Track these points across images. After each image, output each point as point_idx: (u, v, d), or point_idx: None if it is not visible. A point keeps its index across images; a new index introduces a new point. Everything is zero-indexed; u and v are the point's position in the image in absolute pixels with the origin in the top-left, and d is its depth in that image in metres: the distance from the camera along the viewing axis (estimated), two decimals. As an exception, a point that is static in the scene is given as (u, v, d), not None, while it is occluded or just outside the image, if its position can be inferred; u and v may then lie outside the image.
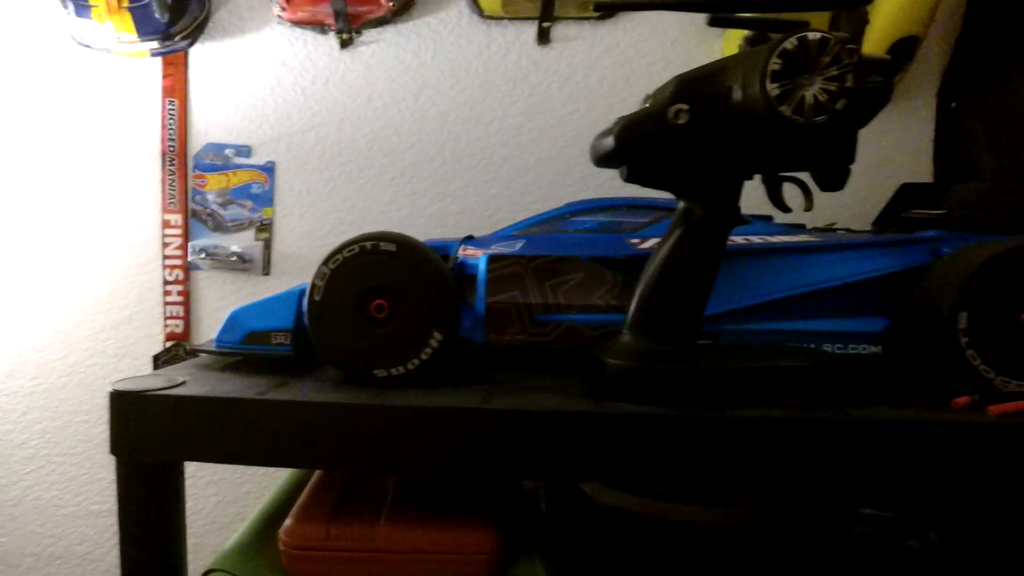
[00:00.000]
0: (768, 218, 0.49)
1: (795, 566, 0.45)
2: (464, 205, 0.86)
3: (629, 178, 0.36)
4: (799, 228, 0.48)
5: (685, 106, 0.33)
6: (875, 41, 0.68)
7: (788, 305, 0.43)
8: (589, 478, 0.45)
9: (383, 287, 0.39)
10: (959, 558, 0.46)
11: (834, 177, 0.34)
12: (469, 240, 0.53)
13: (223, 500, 0.90)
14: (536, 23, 0.82)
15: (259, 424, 0.35)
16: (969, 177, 0.75)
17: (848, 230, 0.50)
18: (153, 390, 0.36)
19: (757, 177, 0.38)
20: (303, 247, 0.86)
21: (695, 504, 0.44)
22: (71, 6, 0.77)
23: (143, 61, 0.83)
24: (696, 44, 0.80)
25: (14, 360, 0.89)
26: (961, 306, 0.37)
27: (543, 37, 0.82)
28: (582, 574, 0.43)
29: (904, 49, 0.69)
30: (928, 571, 0.45)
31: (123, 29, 0.78)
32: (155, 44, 0.81)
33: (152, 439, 0.36)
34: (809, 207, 0.36)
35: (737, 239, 0.45)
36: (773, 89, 0.29)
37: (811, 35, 0.29)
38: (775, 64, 0.29)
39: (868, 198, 0.63)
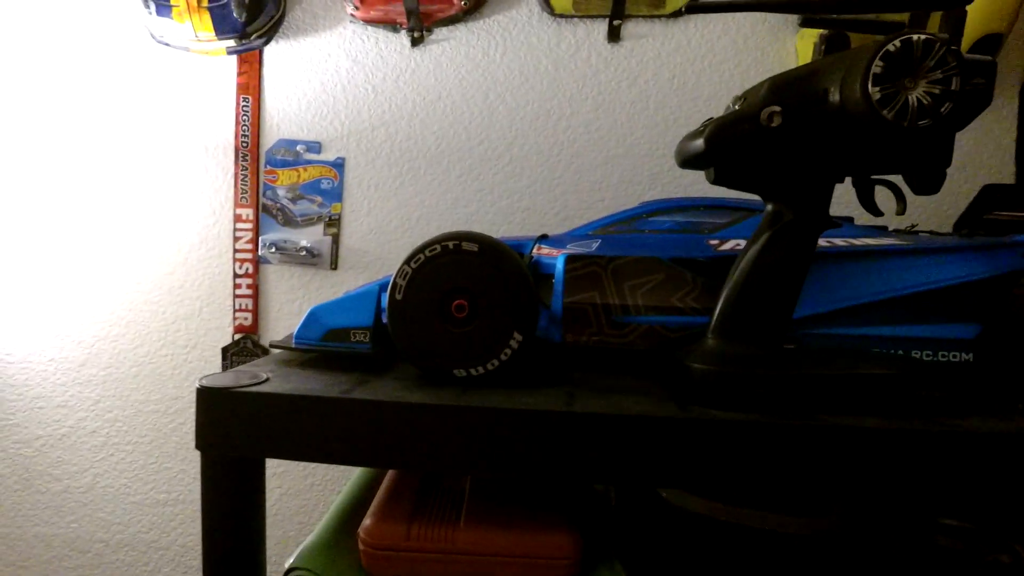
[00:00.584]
0: (849, 219, 0.50)
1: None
2: (531, 203, 0.89)
3: (716, 180, 0.38)
4: (882, 230, 0.48)
5: (778, 108, 0.34)
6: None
7: (874, 310, 0.44)
8: (674, 484, 0.47)
9: (464, 287, 0.42)
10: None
11: (930, 179, 0.35)
12: (544, 239, 0.55)
13: (287, 492, 0.96)
14: (607, 21, 0.84)
15: (342, 423, 0.37)
16: None
17: (931, 232, 0.50)
18: (239, 386, 0.39)
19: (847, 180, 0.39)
20: (371, 242, 0.91)
21: (773, 511, 0.45)
22: (152, 5, 0.85)
23: (219, 59, 0.91)
24: (769, 42, 0.81)
25: (88, 349, 0.97)
26: None
27: (614, 35, 0.85)
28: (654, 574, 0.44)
29: (987, 47, 0.70)
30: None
31: (202, 28, 0.85)
32: (232, 42, 0.88)
33: (237, 435, 0.38)
34: (902, 210, 0.37)
35: (821, 242, 0.46)
36: (875, 92, 0.31)
37: (915, 37, 0.30)
38: (877, 67, 0.30)
39: (948, 200, 0.63)
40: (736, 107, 0.37)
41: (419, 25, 0.86)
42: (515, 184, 0.90)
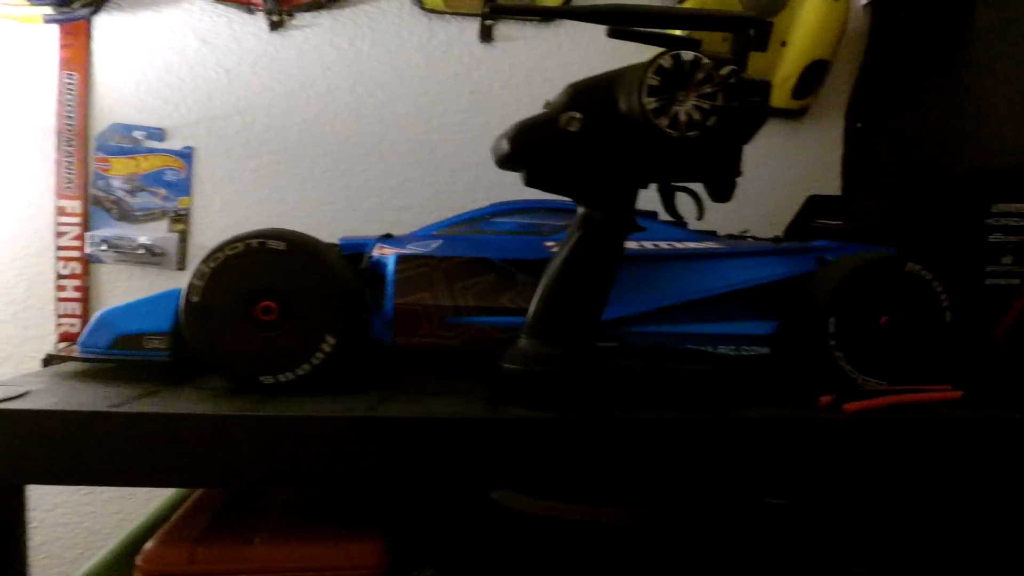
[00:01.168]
0: (683, 224, 0.55)
1: (694, 557, 0.50)
2: (404, 202, 0.90)
3: (528, 182, 0.41)
4: (710, 235, 0.53)
5: (578, 114, 0.37)
6: (791, 63, 0.82)
7: (691, 309, 0.48)
8: (483, 486, 0.49)
9: (271, 288, 0.42)
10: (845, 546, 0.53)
11: (722, 188, 0.39)
12: (387, 239, 0.56)
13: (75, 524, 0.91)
14: (479, 20, 0.87)
15: (110, 440, 0.35)
16: (873, 192, 0.87)
17: (756, 238, 0.56)
18: None
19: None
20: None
21: (587, 504, 0.49)
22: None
23: (38, 29, 0.84)
24: (636, 51, 0.86)
25: None
26: (830, 311, 0.44)
27: (486, 35, 0.87)
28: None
29: (815, 72, 0.82)
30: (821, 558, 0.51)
31: (10, -11, 0.79)
32: (49, 10, 0.82)
33: None
34: (700, 216, 0.41)
35: (647, 244, 0.50)
36: (650, 103, 0.34)
37: (684, 54, 0.34)
38: (652, 79, 0.34)
39: (786, 209, 0.71)
40: (546, 110, 0.40)
41: (277, 8, 0.85)
42: (386, 182, 0.90)
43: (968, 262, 0.52)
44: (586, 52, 0.89)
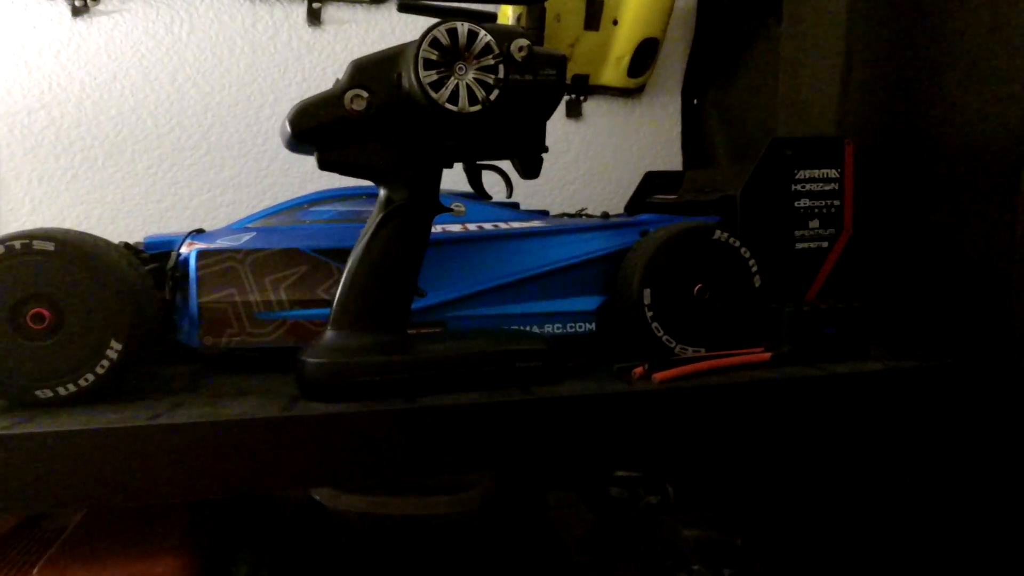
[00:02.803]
0: (515, 205, 0.54)
1: (539, 536, 0.50)
2: (236, 196, 0.83)
3: (322, 166, 0.38)
4: (542, 214, 0.53)
5: (363, 92, 0.35)
6: (623, 42, 0.81)
7: (514, 288, 0.47)
8: (286, 486, 0.46)
9: (41, 293, 0.37)
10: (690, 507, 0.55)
11: (529, 165, 0.39)
12: (197, 234, 0.51)
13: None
14: (306, 3, 0.82)
15: None
16: (708, 166, 0.90)
17: (590, 215, 0.56)
18: None
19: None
20: None
21: (417, 495, 0.47)
22: None
23: None
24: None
25: None
26: (645, 283, 0.44)
27: (314, 18, 0.82)
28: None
29: (647, 50, 0.82)
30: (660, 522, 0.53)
31: None
32: None
33: None
34: (509, 194, 0.40)
35: (471, 227, 0.49)
36: (428, 76, 0.32)
37: (460, 26, 0.32)
38: (428, 53, 0.32)
39: (628, 187, 0.73)
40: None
41: (77, -10, 0.75)
42: (216, 176, 0.83)
43: (778, 228, 0.54)
44: (418, 33, 0.86)
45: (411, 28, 0.85)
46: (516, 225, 0.50)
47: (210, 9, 0.81)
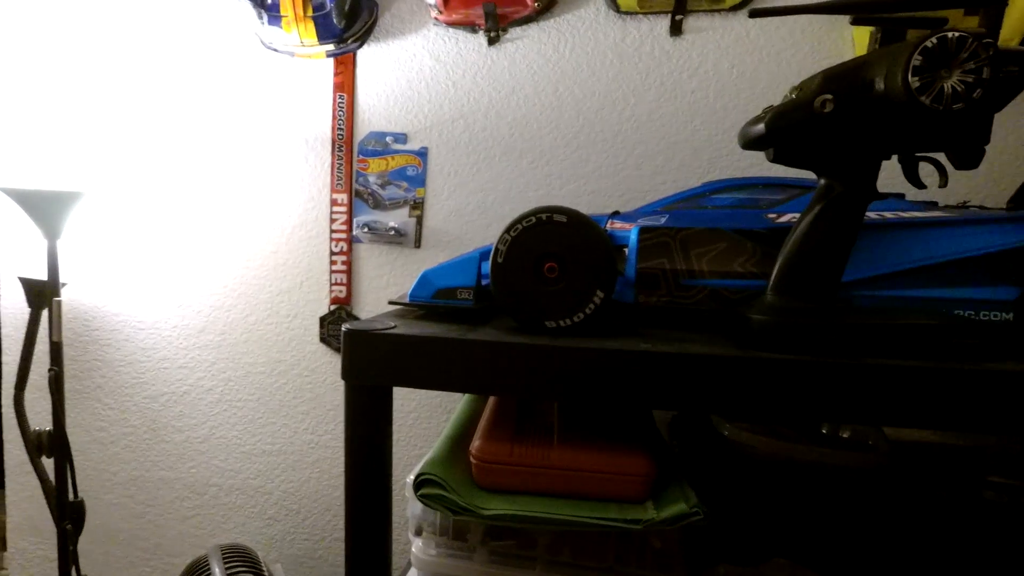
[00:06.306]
0: (900, 196, 0.54)
1: (921, 517, 0.50)
2: (597, 186, 0.96)
3: (775, 159, 0.44)
4: (932, 205, 0.52)
5: (831, 96, 0.40)
6: (1012, 26, 0.71)
7: (919, 274, 0.48)
8: (735, 417, 0.53)
9: (555, 252, 0.49)
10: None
11: (970, 156, 0.40)
12: (616, 215, 0.62)
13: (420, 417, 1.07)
14: (669, 16, 0.89)
15: (457, 359, 0.45)
16: None
17: (980, 207, 0.53)
18: (376, 330, 0.48)
19: (894, 157, 0.44)
20: (451, 223, 1.00)
21: (825, 446, 0.51)
22: (265, 16, 0.95)
23: (319, 62, 1.00)
24: (825, 33, 0.84)
25: (206, 318, 1.10)
26: None
27: (675, 29, 0.89)
28: (714, 503, 0.51)
29: None
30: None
31: (306, 35, 0.95)
32: (331, 47, 0.98)
33: (373, 368, 0.47)
34: (943, 184, 0.42)
35: (871, 215, 0.51)
36: (914, 81, 0.36)
37: (951, 35, 0.35)
38: (916, 60, 0.35)
39: (1004, 179, 0.66)
40: (793, 96, 0.43)
41: (495, 26, 0.93)
42: (582, 169, 0.96)
43: None
44: (772, 37, 0.88)
45: (763, 32, 0.88)
46: (918, 215, 0.51)
47: (589, 29, 0.93)
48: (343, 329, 0.48)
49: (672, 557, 0.47)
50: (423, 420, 1.06)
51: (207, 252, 1.08)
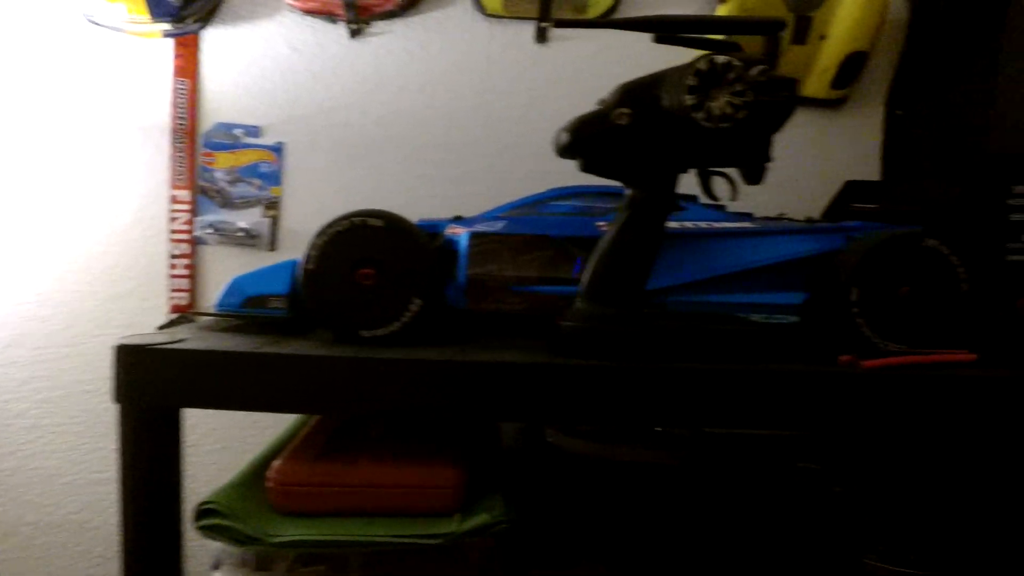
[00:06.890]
0: (721, 207, 0.60)
1: (728, 507, 0.56)
2: (467, 190, 0.98)
3: (584, 169, 0.47)
4: (746, 216, 0.58)
5: (627, 110, 0.44)
6: (829, 56, 0.85)
7: (724, 281, 0.53)
8: (542, 422, 0.56)
9: (370, 258, 0.49)
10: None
11: (754, 172, 0.45)
12: (457, 220, 0.64)
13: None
14: (535, 23, 0.93)
15: (252, 375, 0.43)
16: (912, 178, 0.89)
17: (791, 219, 0.60)
18: (155, 344, 0.44)
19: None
20: (311, 224, 0.94)
21: (635, 445, 0.55)
22: (85, -17, 0.89)
23: (155, 41, 0.95)
24: (672, 53, 0.91)
25: (15, 330, 0.99)
26: (853, 282, 0.48)
27: (541, 36, 0.94)
28: (537, 508, 0.54)
29: (854, 63, 0.85)
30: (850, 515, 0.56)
31: (135, 11, 0.90)
32: (167, 26, 0.93)
33: (152, 388, 0.44)
34: (734, 197, 0.47)
35: (687, 224, 0.56)
36: (689, 99, 0.40)
37: (718, 58, 0.40)
38: (691, 80, 0.40)
39: (824, 194, 0.75)
40: (598, 107, 0.47)
41: (357, 18, 0.93)
42: (451, 172, 0.98)
43: (990, 240, 0.55)
44: (630, 51, 0.93)
45: (626, 44, 0.94)
46: (726, 225, 0.56)
47: (456, 29, 0.95)
48: (113, 346, 0.44)
49: (491, 566, 0.49)
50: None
51: (16, 254, 0.99)
